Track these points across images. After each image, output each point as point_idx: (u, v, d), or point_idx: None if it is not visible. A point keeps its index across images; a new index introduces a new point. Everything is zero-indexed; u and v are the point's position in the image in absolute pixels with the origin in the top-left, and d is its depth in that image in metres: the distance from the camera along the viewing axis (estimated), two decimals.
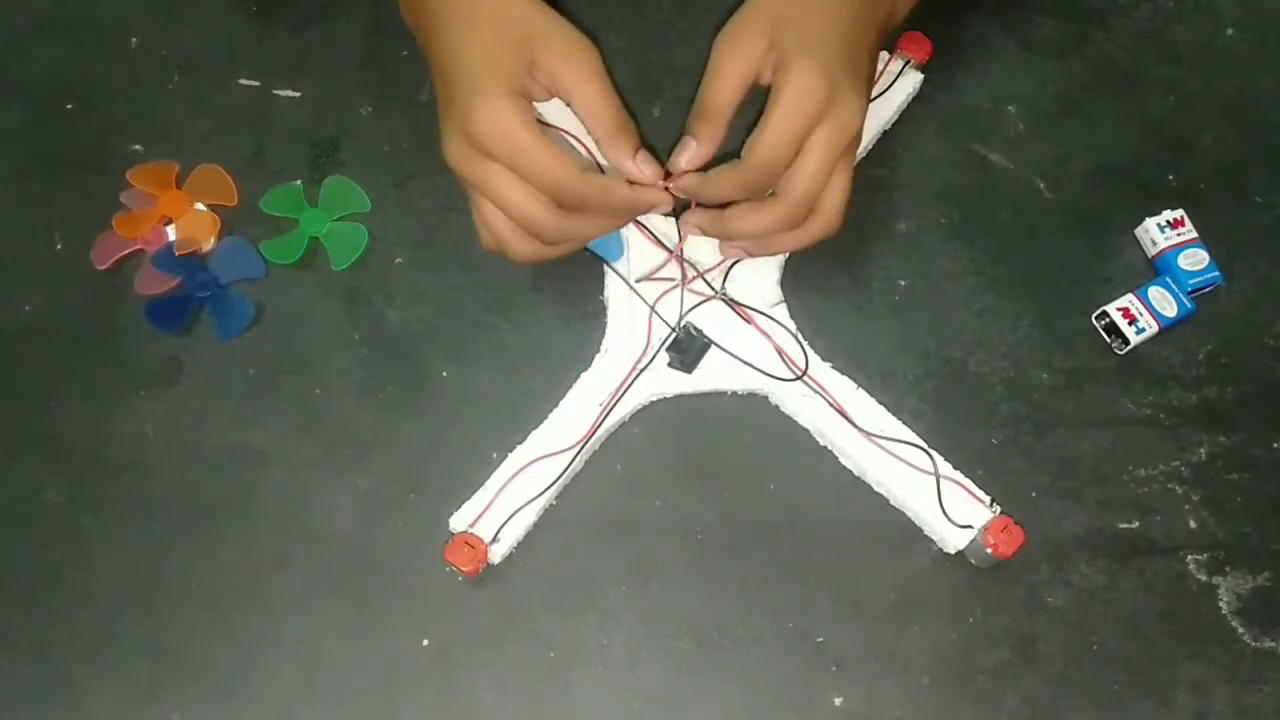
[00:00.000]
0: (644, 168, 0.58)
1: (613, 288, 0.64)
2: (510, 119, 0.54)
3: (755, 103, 0.57)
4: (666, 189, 0.59)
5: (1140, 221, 0.67)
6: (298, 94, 0.70)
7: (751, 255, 0.62)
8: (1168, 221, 0.66)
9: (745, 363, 0.62)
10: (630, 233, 0.64)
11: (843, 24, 0.57)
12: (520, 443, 0.61)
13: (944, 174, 0.69)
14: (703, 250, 0.64)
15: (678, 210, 0.61)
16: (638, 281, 0.63)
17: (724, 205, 0.59)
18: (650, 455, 0.63)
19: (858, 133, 0.56)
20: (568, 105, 0.58)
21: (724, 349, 0.63)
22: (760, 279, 0.64)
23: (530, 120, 0.55)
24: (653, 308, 0.63)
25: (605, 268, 0.64)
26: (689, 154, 0.58)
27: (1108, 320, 0.65)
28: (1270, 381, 0.65)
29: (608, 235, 0.62)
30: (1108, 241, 0.68)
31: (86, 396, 0.64)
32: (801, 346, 0.63)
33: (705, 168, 0.58)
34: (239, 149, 0.69)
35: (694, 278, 0.64)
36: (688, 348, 0.62)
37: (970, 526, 0.60)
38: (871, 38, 0.59)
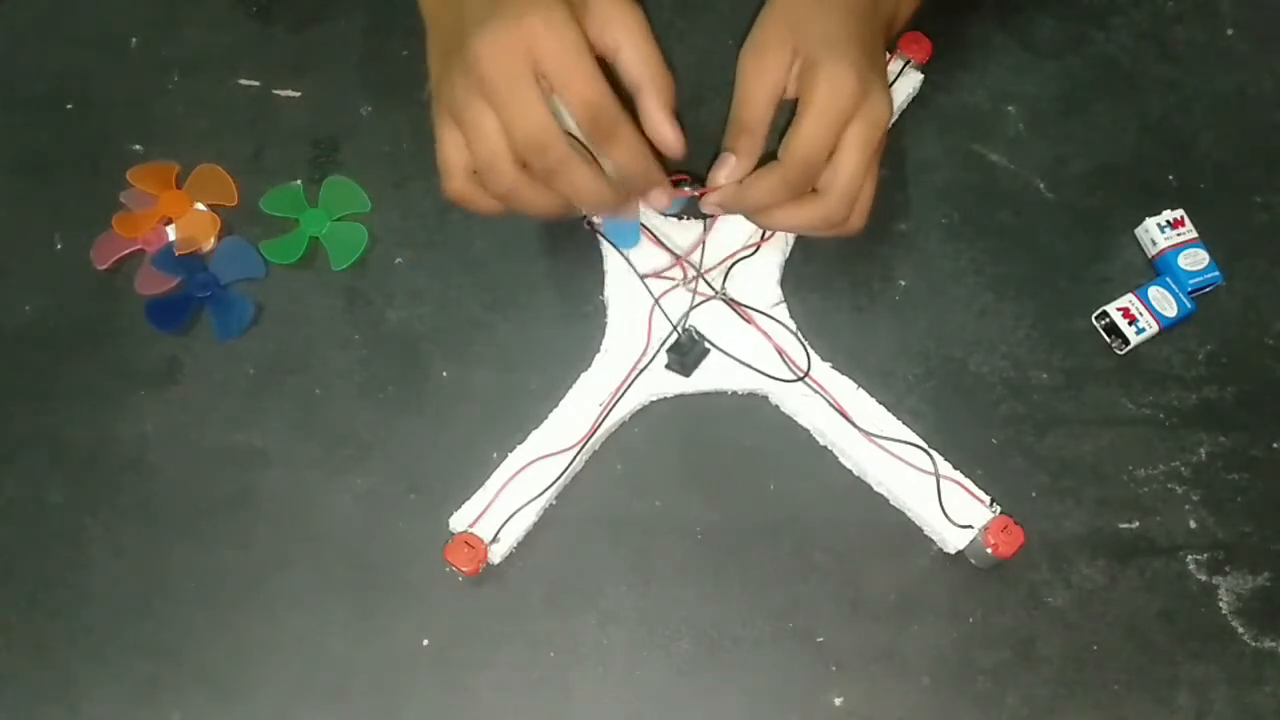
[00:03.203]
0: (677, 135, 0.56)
1: (613, 288, 0.64)
2: (571, 25, 0.51)
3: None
4: (697, 196, 0.59)
5: (1140, 221, 0.67)
6: (298, 94, 0.70)
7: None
8: (1168, 221, 0.66)
9: (746, 365, 0.62)
10: None
11: (865, 23, 0.57)
12: (520, 443, 0.61)
13: (944, 174, 0.69)
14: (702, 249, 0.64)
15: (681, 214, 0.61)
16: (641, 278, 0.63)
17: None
18: (650, 455, 0.63)
19: (886, 129, 0.56)
20: (610, 56, 0.54)
21: (725, 351, 0.63)
22: (760, 279, 0.64)
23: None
24: (657, 300, 0.63)
25: (605, 267, 0.64)
26: (729, 168, 0.58)
27: (1108, 320, 0.65)
28: (1270, 381, 0.65)
29: (625, 221, 0.61)
30: (1108, 241, 0.68)
31: (86, 396, 0.64)
32: (803, 346, 0.63)
33: None
34: (239, 149, 0.69)
35: (694, 277, 0.64)
36: (687, 351, 0.62)
37: (970, 526, 0.59)
38: (882, 39, 0.59)
